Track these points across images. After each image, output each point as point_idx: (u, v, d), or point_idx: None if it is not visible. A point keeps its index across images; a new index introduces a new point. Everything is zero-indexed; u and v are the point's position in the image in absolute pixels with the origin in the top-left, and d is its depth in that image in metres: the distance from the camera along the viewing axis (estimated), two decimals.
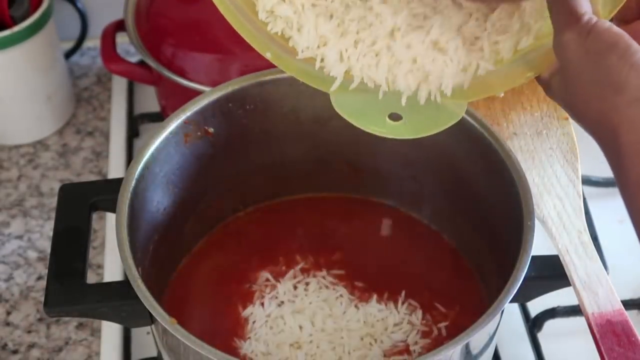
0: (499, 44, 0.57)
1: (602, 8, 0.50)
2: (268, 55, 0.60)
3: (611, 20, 0.50)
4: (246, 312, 0.72)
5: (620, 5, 0.51)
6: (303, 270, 0.75)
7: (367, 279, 0.75)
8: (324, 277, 0.74)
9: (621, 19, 0.49)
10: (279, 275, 0.75)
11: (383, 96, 0.59)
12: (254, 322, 0.71)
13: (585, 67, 0.48)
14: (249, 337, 0.70)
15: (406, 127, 0.59)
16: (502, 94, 0.61)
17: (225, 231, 0.80)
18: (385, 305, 0.72)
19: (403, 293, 0.73)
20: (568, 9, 0.48)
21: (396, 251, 0.78)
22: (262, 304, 0.72)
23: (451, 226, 0.79)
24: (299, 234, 0.79)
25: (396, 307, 0.72)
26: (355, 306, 0.72)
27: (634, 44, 0.46)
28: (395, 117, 0.59)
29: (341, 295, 0.73)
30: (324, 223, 0.80)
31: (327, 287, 0.73)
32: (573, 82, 0.49)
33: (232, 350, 0.70)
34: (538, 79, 0.55)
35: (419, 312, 0.72)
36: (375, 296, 0.73)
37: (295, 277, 0.74)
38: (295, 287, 0.73)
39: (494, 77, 0.57)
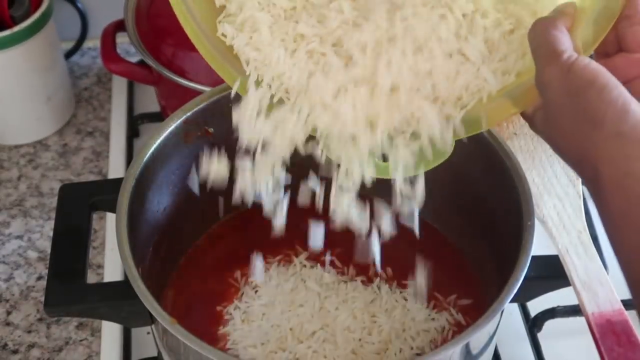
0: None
1: (582, 43, 0.51)
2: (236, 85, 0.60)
3: (591, 56, 0.51)
4: (242, 306, 0.72)
5: (599, 40, 0.51)
6: (302, 262, 0.76)
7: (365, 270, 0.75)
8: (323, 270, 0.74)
9: (602, 53, 0.50)
10: (280, 267, 0.75)
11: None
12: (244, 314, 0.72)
13: (566, 103, 0.48)
14: (241, 330, 0.70)
15: (392, 167, 0.59)
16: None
17: (222, 229, 0.80)
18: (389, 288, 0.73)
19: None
20: (549, 47, 0.49)
21: (396, 246, 0.78)
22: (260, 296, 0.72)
23: (451, 226, 0.79)
24: (300, 228, 0.79)
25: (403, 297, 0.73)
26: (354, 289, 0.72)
27: (612, 79, 0.47)
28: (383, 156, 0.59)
29: (344, 282, 0.73)
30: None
31: (327, 278, 0.73)
32: (555, 118, 0.50)
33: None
34: (522, 114, 0.56)
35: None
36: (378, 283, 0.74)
37: (295, 268, 0.74)
38: (294, 279, 0.73)
39: (478, 114, 0.57)
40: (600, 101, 0.47)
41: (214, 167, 0.62)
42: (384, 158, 0.59)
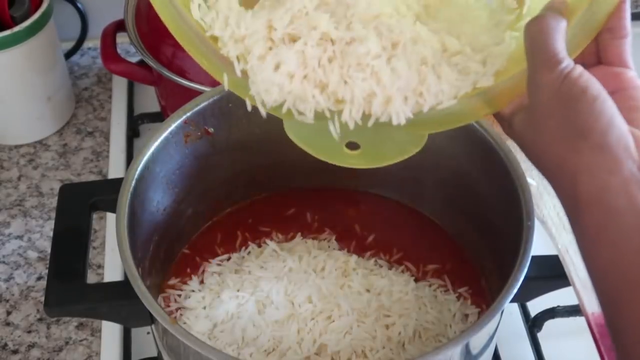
0: (458, 83, 0.56)
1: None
2: (225, 80, 0.58)
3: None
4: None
5: (580, 49, 0.51)
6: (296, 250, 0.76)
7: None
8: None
9: (580, 63, 0.50)
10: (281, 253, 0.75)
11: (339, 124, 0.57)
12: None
13: (556, 109, 0.48)
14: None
15: (362, 157, 0.57)
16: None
17: (221, 222, 0.81)
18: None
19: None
20: (548, 52, 0.48)
21: (398, 236, 0.78)
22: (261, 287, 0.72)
23: (451, 226, 0.79)
24: (299, 220, 0.80)
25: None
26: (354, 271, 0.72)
27: (603, 92, 0.47)
28: (352, 145, 0.57)
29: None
30: (322, 210, 0.80)
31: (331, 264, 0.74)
32: (541, 122, 0.49)
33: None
34: (497, 115, 0.55)
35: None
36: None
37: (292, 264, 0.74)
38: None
39: (451, 112, 0.57)
40: (589, 112, 0.46)
41: None
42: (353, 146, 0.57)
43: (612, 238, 0.46)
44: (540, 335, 0.80)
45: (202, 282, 0.74)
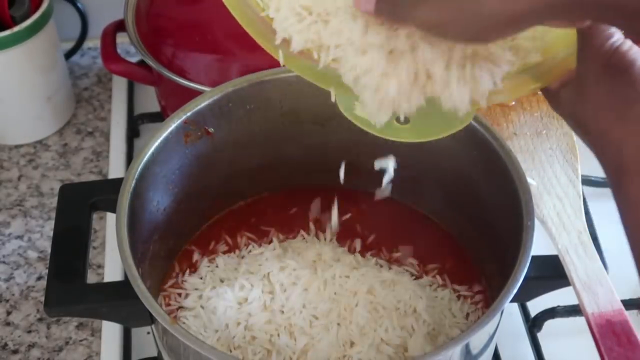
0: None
1: None
2: (280, 55, 0.58)
3: None
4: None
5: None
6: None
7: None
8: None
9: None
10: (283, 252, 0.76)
11: None
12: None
13: (604, 80, 0.49)
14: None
15: (411, 130, 0.58)
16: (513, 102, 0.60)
17: (222, 222, 0.81)
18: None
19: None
20: (599, 26, 0.49)
21: (398, 235, 0.78)
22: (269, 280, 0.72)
23: (452, 226, 0.79)
24: (299, 219, 0.80)
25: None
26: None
27: None
28: (399, 121, 0.58)
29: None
30: (322, 210, 0.80)
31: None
32: (589, 92, 0.50)
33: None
34: (544, 90, 0.56)
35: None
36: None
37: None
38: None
39: (500, 88, 0.57)
40: (637, 83, 0.48)
41: None
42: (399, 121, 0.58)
43: None
44: (540, 335, 0.80)
45: (202, 281, 0.74)
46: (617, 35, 0.49)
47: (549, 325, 0.80)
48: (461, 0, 0.45)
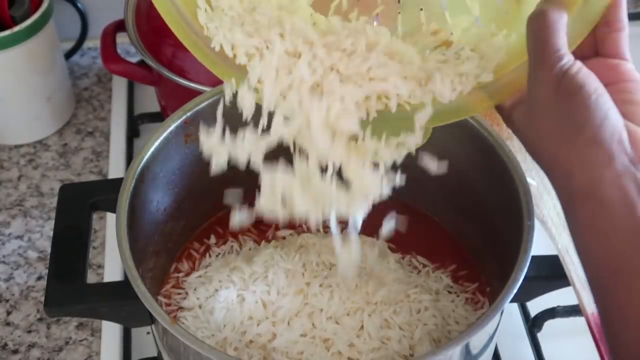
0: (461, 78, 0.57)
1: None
2: (233, 83, 0.58)
3: None
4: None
5: (579, 41, 0.52)
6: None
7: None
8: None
9: (578, 55, 0.50)
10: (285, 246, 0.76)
11: None
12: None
13: (554, 104, 0.49)
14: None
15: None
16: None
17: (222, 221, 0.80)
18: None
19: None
20: (549, 49, 0.49)
21: (398, 234, 0.78)
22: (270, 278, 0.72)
23: (452, 225, 0.79)
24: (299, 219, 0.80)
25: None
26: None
27: (600, 87, 0.48)
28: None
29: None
30: None
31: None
32: (538, 116, 0.50)
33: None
34: (498, 107, 0.56)
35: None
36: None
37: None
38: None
39: (454, 105, 0.57)
40: (585, 107, 0.47)
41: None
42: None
43: (604, 229, 0.47)
44: (540, 335, 0.80)
45: (202, 281, 0.74)
46: (566, 58, 0.48)
47: (549, 325, 0.80)
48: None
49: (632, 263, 0.46)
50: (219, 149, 0.58)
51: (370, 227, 0.78)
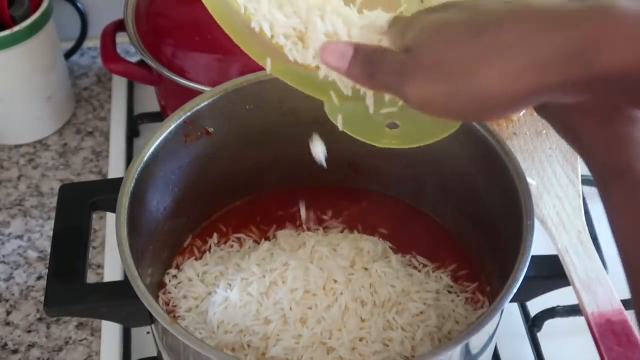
0: None
1: None
2: (268, 64, 0.58)
3: None
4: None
5: None
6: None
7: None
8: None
9: None
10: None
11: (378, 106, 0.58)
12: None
13: None
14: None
15: (402, 136, 0.57)
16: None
17: (222, 221, 0.81)
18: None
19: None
20: None
21: (399, 234, 0.78)
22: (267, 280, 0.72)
23: (452, 225, 0.79)
24: (299, 219, 0.80)
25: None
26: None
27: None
28: (391, 126, 0.58)
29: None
30: (323, 209, 0.80)
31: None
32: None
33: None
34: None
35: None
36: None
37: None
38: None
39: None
40: None
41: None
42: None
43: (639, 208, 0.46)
44: (540, 335, 0.80)
45: (202, 280, 0.74)
46: None
47: (549, 325, 0.80)
48: (456, 78, 0.43)
49: None
50: None
51: (372, 226, 0.79)
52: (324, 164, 0.63)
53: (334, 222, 0.80)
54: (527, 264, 0.61)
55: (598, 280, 0.66)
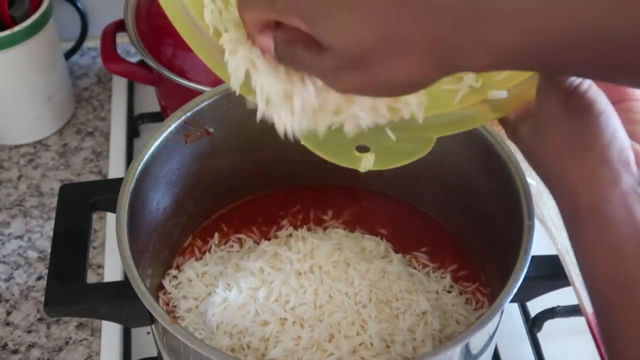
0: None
1: None
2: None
3: None
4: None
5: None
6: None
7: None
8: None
9: None
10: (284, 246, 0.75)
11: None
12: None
13: (562, 120, 0.49)
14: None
15: (374, 159, 0.58)
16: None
17: (222, 221, 0.81)
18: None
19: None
20: None
21: (399, 233, 0.78)
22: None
23: (452, 225, 0.79)
24: (299, 218, 0.80)
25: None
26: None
27: (609, 107, 0.48)
28: (362, 149, 0.58)
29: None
30: (323, 209, 0.81)
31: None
32: (546, 132, 0.50)
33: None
34: (502, 121, 0.56)
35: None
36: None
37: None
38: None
39: (458, 116, 0.57)
40: (594, 126, 0.47)
41: None
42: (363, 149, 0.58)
43: (610, 244, 0.47)
44: (540, 335, 0.80)
45: (202, 281, 0.74)
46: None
47: (549, 325, 0.80)
48: (375, 74, 0.45)
49: (637, 278, 0.46)
50: None
51: (372, 226, 0.79)
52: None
53: (334, 222, 0.80)
54: (527, 264, 0.61)
55: None
